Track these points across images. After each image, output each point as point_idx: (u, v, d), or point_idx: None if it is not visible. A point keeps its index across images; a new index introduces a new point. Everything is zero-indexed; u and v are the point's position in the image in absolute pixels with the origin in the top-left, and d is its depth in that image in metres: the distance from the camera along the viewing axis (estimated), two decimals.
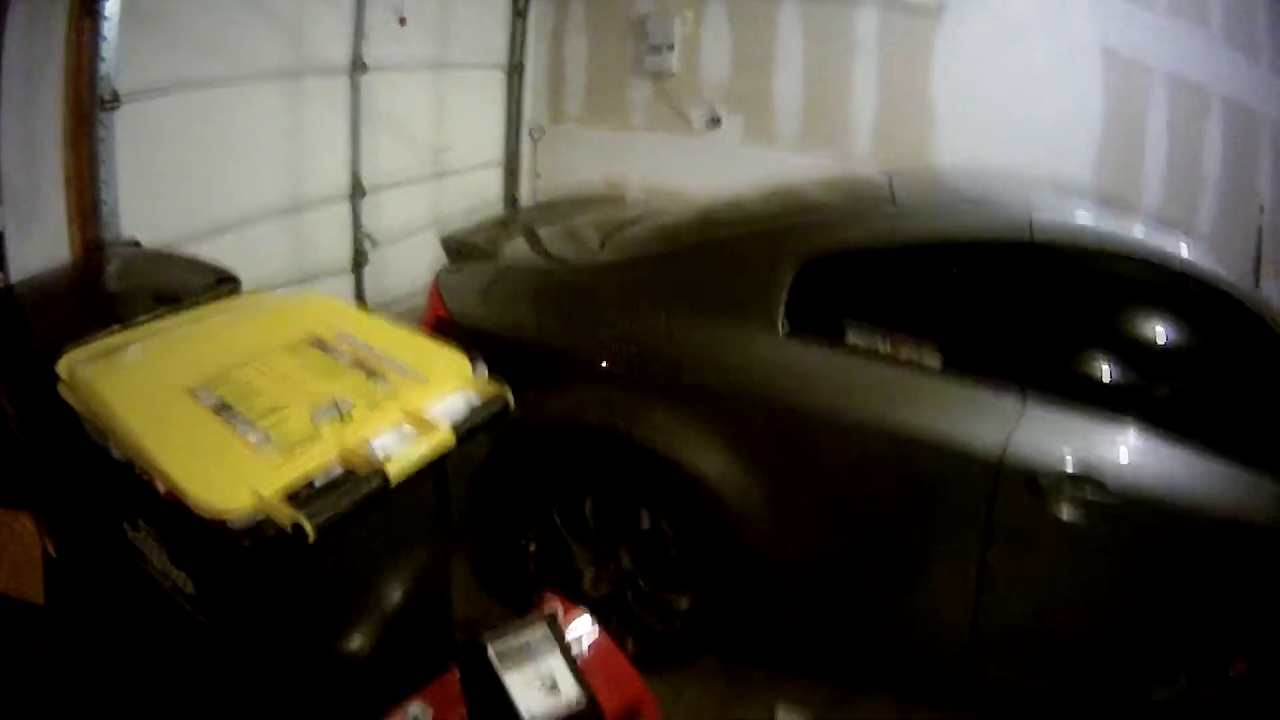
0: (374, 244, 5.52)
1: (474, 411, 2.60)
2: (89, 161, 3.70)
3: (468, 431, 2.52)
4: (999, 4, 6.72)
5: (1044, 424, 3.42)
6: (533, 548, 3.91)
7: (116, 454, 2.34)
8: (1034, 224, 3.61)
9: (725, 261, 3.80)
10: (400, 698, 2.50)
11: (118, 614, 2.95)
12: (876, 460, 3.51)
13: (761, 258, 3.71)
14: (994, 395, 3.46)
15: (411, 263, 5.55)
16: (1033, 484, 3.34)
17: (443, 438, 2.43)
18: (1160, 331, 3.79)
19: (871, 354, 3.54)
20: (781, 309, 3.60)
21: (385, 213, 5.63)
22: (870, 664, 3.91)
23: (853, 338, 3.56)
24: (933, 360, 3.52)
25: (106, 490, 2.52)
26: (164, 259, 3.62)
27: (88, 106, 3.66)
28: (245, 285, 3.29)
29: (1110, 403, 3.52)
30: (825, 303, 3.63)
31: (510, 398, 2.71)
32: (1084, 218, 3.95)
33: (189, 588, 2.43)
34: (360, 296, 5.54)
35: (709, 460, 3.57)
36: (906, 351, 3.53)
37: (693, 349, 3.65)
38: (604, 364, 3.70)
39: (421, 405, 2.52)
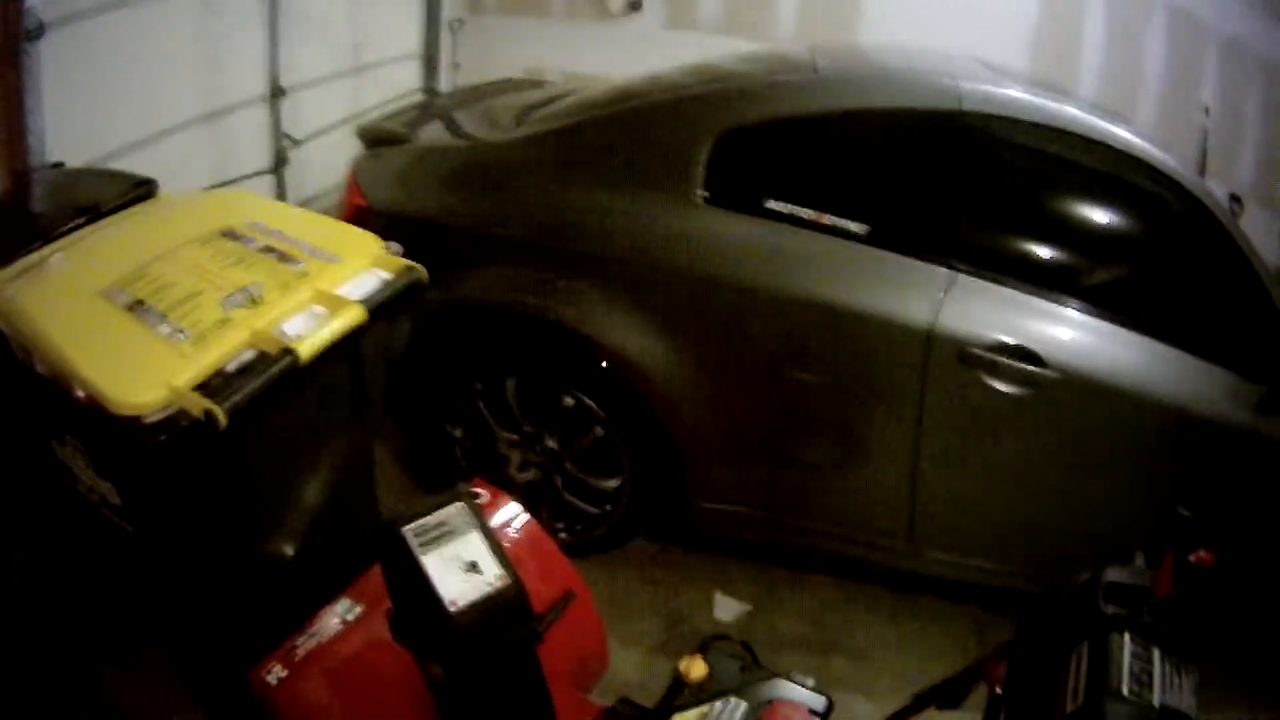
0: (294, 144, 5.45)
1: (385, 286, 2.57)
2: (15, 93, 3.63)
3: (379, 306, 2.50)
4: None
5: (975, 296, 3.44)
6: (458, 433, 3.91)
7: (41, 369, 2.31)
8: (963, 93, 3.58)
9: (639, 132, 3.75)
10: (329, 595, 2.52)
11: (51, 534, 2.94)
12: (801, 331, 3.51)
13: (676, 127, 3.67)
14: (922, 265, 3.47)
15: (333, 159, 5.41)
16: (964, 355, 3.37)
17: (354, 314, 2.41)
18: (1098, 212, 3.79)
19: (793, 221, 3.51)
20: (699, 178, 3.55)
21: (306, 112, 5.56)
22: (809, 544, 3.92)
23: (773, 205, 3.52)
24: (858, 229, 3.50)
25: (34, 409, 2.49)
26: (84, 175, 3.57)
27: (15, 41, 3.59)
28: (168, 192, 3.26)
29: (1045, 280, 3.53)
30: (747, 174, 3.59)
31: (423, 272, 2.67)
32: (1016, 91, 3.86)
33: (114, 498, 2.42)
34: (281, 195, 5.48)
35: (629, 336, 3.55)
36: (829, 219, 3.50)
37: (607, 221, 3.60)
38: (520, 239, 3.68)
39: (333, 285, 2.50)
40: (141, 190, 3.05)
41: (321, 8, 5.73)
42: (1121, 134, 3.60)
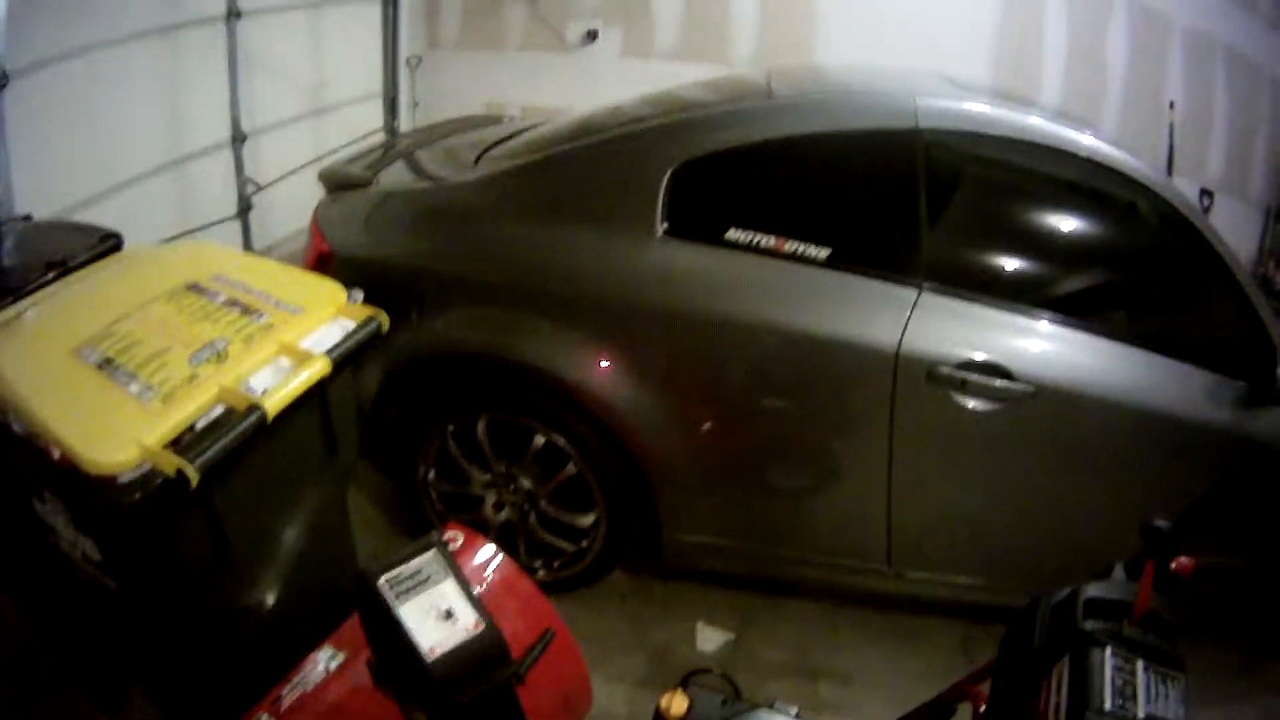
0: (257, 188, 5.47)
1: (349, 336, 2.60)
2: None
3: (343, 357, 2.52)
4: None
5: (941, 314, 3.41)
6: (432, 475, 3.89)
7: (16, 428, 2.32)
8: (919, 110, 3.55)
9: (597, 167, 3.72)
10: (312, 643, 2.53)
11: (36, 590, 2.94)
12: (768, 358, 3.49)
13: (634, 161, 3.64)
14: (886, 287, 3.44)
15: (298, 202, 5.38)
16: (932, 374, 3.35)
17: (319, 366, 2.43)
18: (1064, 221, 3.77)
19: (754, 250, 3.48)
20: (659, 211, 3.53)
21: (269, 155, 5.60)
22: (789, 572, 3.92)
23: (733, 234, 3.49)
24: (819, 254, 3.47)
25: (12, 466, 2.49)
26: (52, 228, 3.56)
27: None
28: (136, 243, 3.24)
29: (1014, 293, 3.51)
30: (706, 205, 3.57)
31: (384, 319, 2.70)
32: (975, 105, 3.82)
33: (95, 553, 2.41)
34: (248, 241, 5.52)
35: (596, 373, 3.52)
36: (791, 245, 3.48)
37: (569, 258, 3.58)
38: (483, 280, 3.65)
39: (297, 337, 2.52)
40: (108, 244, 3.06)
41: (281, 50, 5.76)
42: (1085, 141, 3.59)
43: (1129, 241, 3.72)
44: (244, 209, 5.46)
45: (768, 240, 3.48)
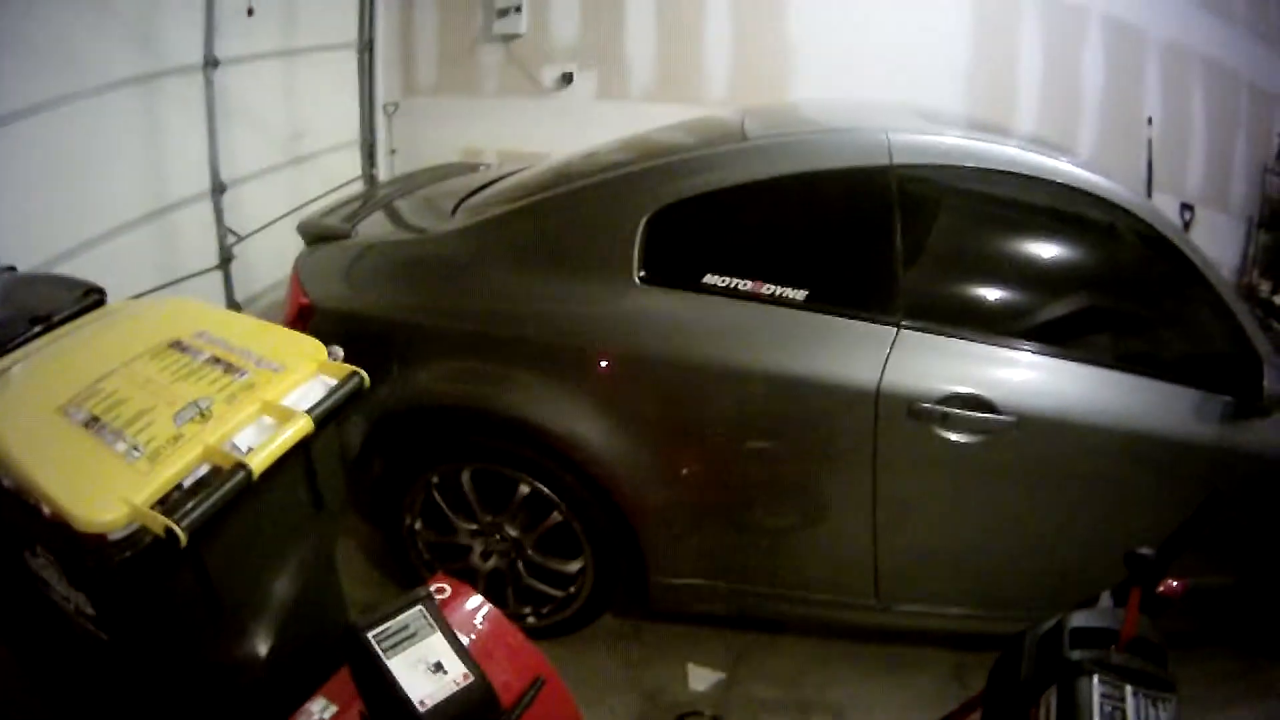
0: (238, 239, 5.49)
1: (330, 394, 2.60)
2: None
3: (324, 415, 2.53)
4: None
5: (920, 350, 3.42)
6: (419, 526, 3.88)
7: (6, 482, 2.33)
8: (892, 146, 3.55)
9: (573, 216, 3.72)
10: (303, 696, 2.51)
11: (31, 641, 2.95)
12: (749, 402, 3.49)
13: (609, 209, 3.64)
14: (864, 325, 3.44)
15: (279, 252, 5.42)
16: (914, 411, 3.36)
17: (302, 425, 2.44)
18: (1043, 249, 3.78)
19: (731, 294, 3.48)
20: (635, 258, 3.53)
21: (249, 206, 5.62)
22: (778, 610, 3.92)
23: (710, 279, 3.50)
24: (796, 295, 3.47)
25: (3, 520, 2.50)
26: (35, 281, 3.57)
27: None
28: (118, 295, 3.27)
29: (994, 324, 3.53)
30: (682, 250, 3.57)
31: (364, 375, 2.71)
32: (949, 138, 3.83)
33: (88, 608, 2.42)
34: (230, 293, 5.53)
35: (578, 421, 3.53)
36: (768, 289, 3.48)
37: (548, 308, 3.58)
38: (463, 331, 3.65)
39: (279, 395, 2.53)
40: (92, 298, 3.08)
41: (260, 100, 5.80)
42: (1060, 166, 3.60)
43: (1109, 265, 3.73)
44: (225, 260, 5.48)
45: (745, 284, 3.48)
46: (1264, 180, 7.65)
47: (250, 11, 5.50)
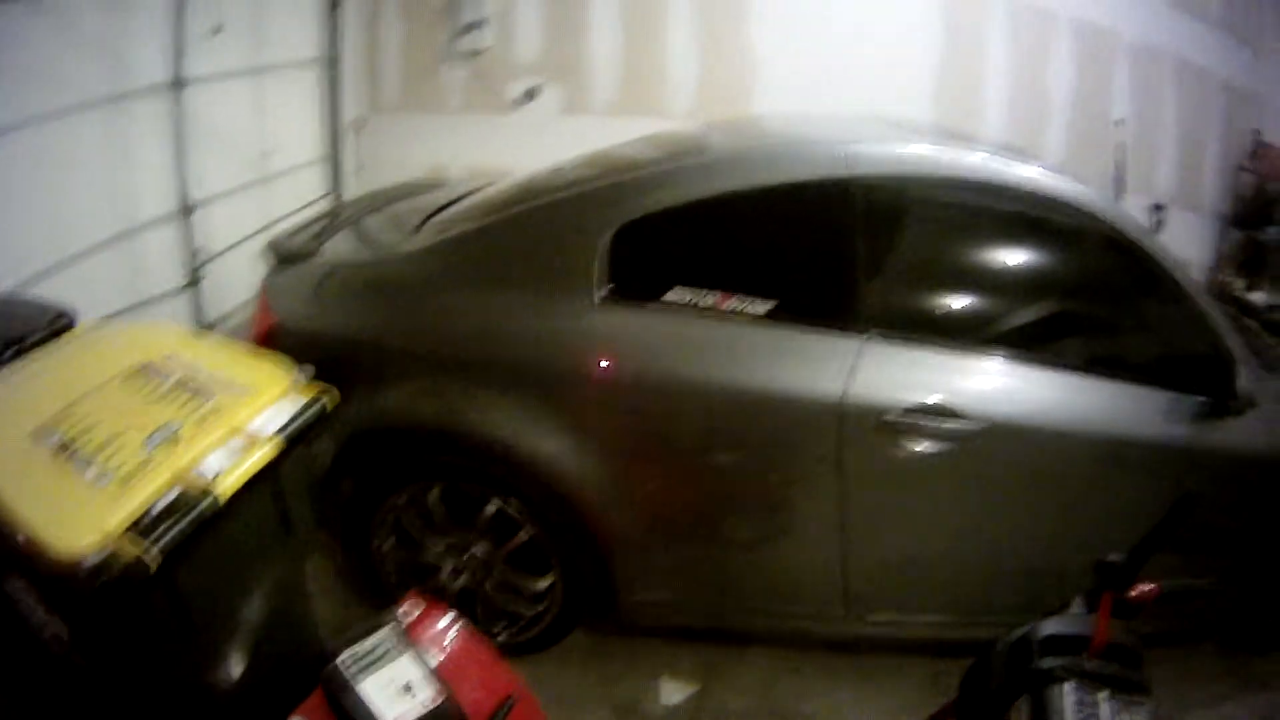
0: (208, 259, 5.48)
1: (296, 416, 2.62)
2: None
3: (292, 437, 2.55)
4: None
5: (886, 361, 3.43)
6: (387, 546, 3.87)
7: None
8: (853, 158, 3.57)
9: (536, 234, 3.72)
10: (280, 717, 2.51)
11: (6, 664, 2.95)
12: (715, 416, 3.51)
13: (572, 226, 3.65)
14: (829, 338, 3.46)
15: (249, 271, 5.39)
16: (880, 422, 3.38)
17: (268, 448, 2.47)
18: (1009, 256, 3.80)
19: (695, 309, 3.50)
20: (600, 275, 3.53)
21: (218, 225, 5.60)
22: (749, 623, 3.93)
23: (673, 295, 3.51)
24: (760, 309, 3.49)
25: None
26: (5, 303, 3.58)
27: None
28: (89, 316, 3.25)
29: (961, 332, 3.55)
30: (646, 266, 3.58)
31: (331, 397, 2.73)
32: (912, 148, 3.84)
33: (64, 632, 2.43)
34: (200, 313, 5.51)
35: (544, 439, 3.52)
36: (732, 303, 3.50)
37: (513, 326, 3.58)
38: (430, 351, 3.66)
39: (247, 418, 2.54)
40: (62, 322, 3.08)
41: (226, 117, 5.78)
42: (1026, 173, 3.62)
43: (1077, 270, 3.73)
44: (195, 280, 5.46)
45: (709, 298, 3.50)
46: (1236, 178, 7.74)
47: (217, 30, 5.49)
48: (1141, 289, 3.62)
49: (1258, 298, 7.31)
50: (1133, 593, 2.35)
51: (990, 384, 3.47)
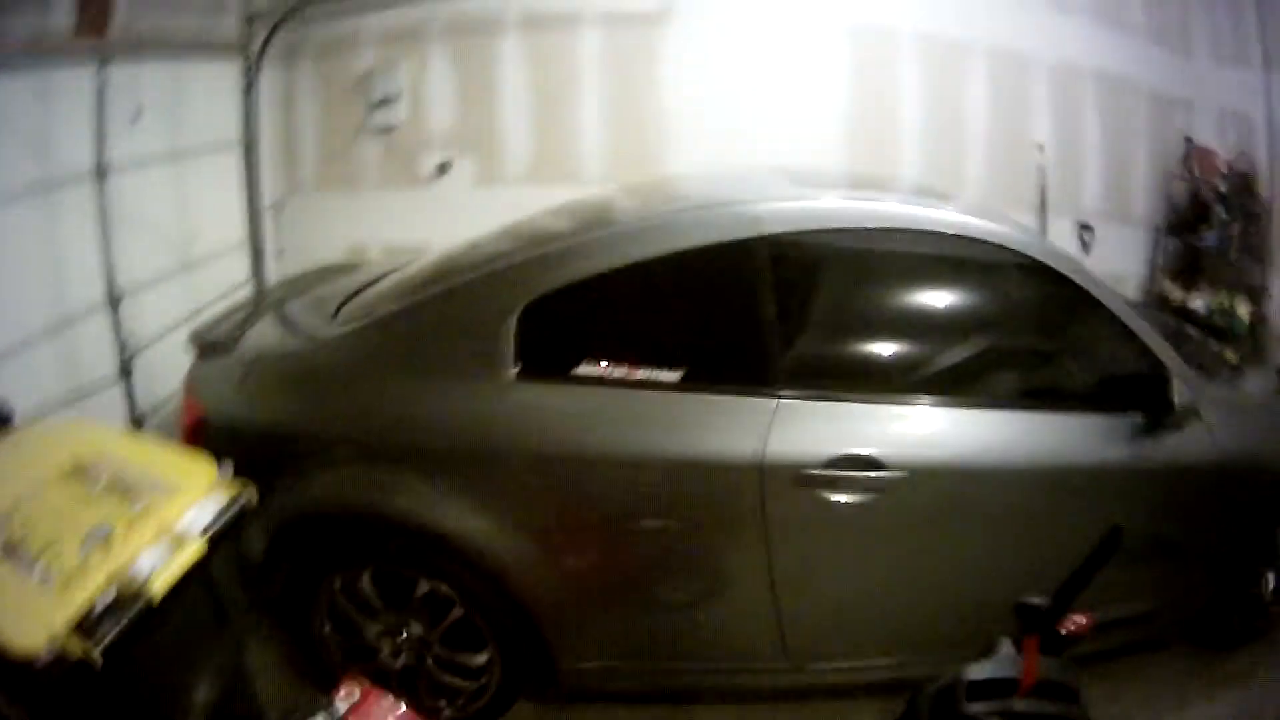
0: (136, 349, 5.51)
1: (220, 514, 2.76)
2: None
3: (218, 534, 2.70)
4: (722, 3, 6.80)
5: (802, 417, 3.47)
6: (327, 630, 3.82)
7: None
8: (760, 216, 3.62)
9: (446, 316, 3.71)
10: None
11: None
12: (636, 486, 3.50)
13: (480, 306, 3.65)
14: (743, 399, 3.49)
15: (178, 360, 5.28)
16: (799, 478, 3.40)
17: (195, 546, 2.62)
18: (927, 299, 3.87)
19: (607, 382, 3.52)
20: (510, 355, 3.53)
21: (147, 313, 5.62)
22: (689, 683, 3.93)
23: (585, 369, 3.52)
24: (672, 376, 3.51)
25: None
26: None
27: None
28: (23, 410, 3.33)
29: (879, 382, 3.62)
30: (556, 342, 3.59)
31: (250, 493, 2.86)
32: (819, 201, 3.91)
33: None
34: (133, 406, 5.53)
35: (466, 519, 3.49)
36: (644, 373, 3.51)
37: (428, 410, 3.57)
38: (351, 438, 3.62)
39: (175, 517, 2.68)
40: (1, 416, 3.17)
41: (150, 204, 5.81)
42: (939, 215, 3.70)
43: (1000, 307, 3.82)
44: (125, 372, 5.47)
45: (619, 370, 3.53)
46: (1169, 185, 7.77)
47: (138, 115, 5.54)
48: (1067, 317, 3.72)
49: (1197, 303, 7.39)
50: (1063, 628, 2.47)
51: (914, 430, 3.55)
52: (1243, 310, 7.22)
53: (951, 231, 3.67)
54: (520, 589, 3.57)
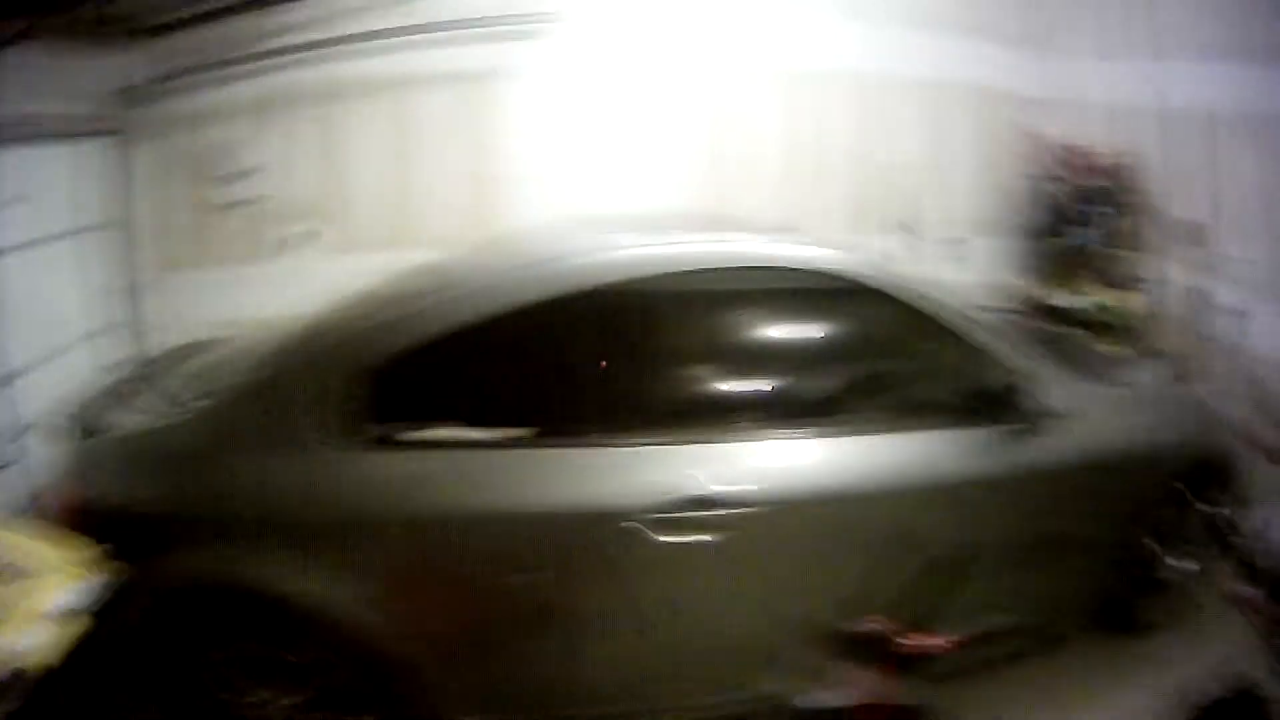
0: (19, 433, 5.56)
1: (95, 593, 2.98)
2: None
3: (88, 617, 2.92)
4: (566, 59, 7.03)
5: (649, 463, 3.60)
6: (221, 697, 3.75)
7: None
8: (598, 268, 3.76)
9: (295, 388, 3.72)
10: None
11: None
12: (495, 542, 3.60)
13: (327, 376, 3.68)
14: (591, 451, 3.61)
15: (60, 444, 5.15)
16: (649, 522, 3.54)
17: (65, 629, 2.84)
18: (771, 333, 4.01)
19: (453, 445, 3.61)
20: (360, 422, 3.60)
21: (33, 397, 5.65)
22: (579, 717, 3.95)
23: (434, 432, 3.60)
24: (521, 432, 3.60)
25: None
26: None
27: None
28: None
29: (728, 420, 3.75)
30: (404, 407, 3.65)
31: (120, 574, 3.09)
32: (652, 248, 4.01)
33: None
34: (22, 488, 5.50)
35: (328, 588, 3.52)
36: (490, 432, 3.61)
37: (289, 483, 3.60)
38: (213, 516, 3.63)
39: (45, 602, 2.88)
40: None
41: (25, 287, 5.83)
42: (775, 250, 3.88)
43: (836, 334, 4.02)
44: (12, 457, 5.51)
45: (468, 430, 3.63)
46: (1043, 187, 7.89)
47: (19, 200, 5.60)
48: (909, 337, 3.90)
49: (1076, 303, 7.51)
50: (906, 647, 2.63)
51: (763, 465, 3.66)
52: (1131, 304, 7.30)
53: (788, 265, 3.86)
54: (393, 652, 3.61)
